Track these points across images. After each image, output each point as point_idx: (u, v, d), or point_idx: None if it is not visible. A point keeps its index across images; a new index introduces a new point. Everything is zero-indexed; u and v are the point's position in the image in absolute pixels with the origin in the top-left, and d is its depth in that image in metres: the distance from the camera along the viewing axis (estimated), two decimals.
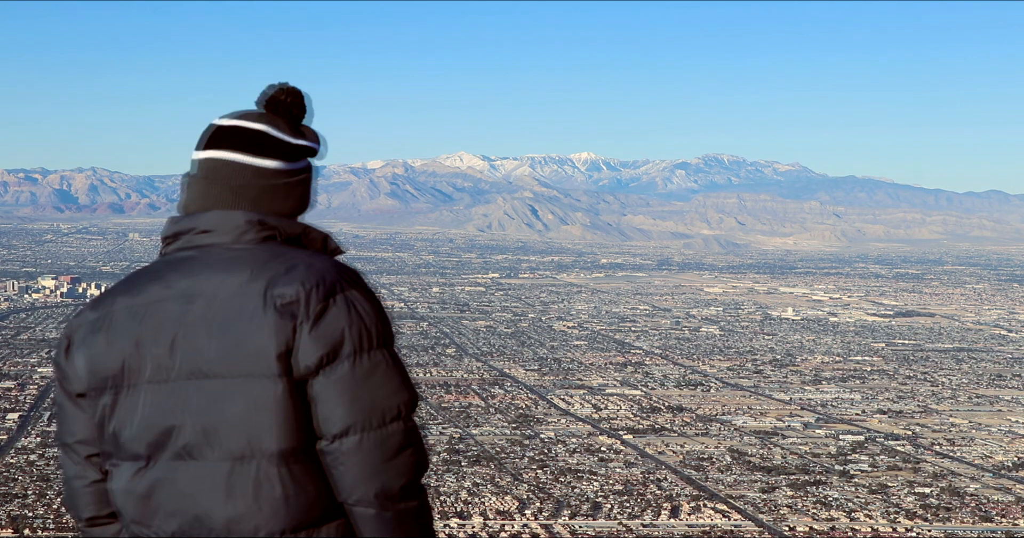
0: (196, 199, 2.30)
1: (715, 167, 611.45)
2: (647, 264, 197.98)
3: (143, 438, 2.19)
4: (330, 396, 2.13)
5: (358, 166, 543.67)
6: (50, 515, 40.06)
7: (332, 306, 2.14)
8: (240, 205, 2.27)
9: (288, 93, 2.32)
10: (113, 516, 2.32)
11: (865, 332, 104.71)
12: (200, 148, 2.32)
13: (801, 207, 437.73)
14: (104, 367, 2.21)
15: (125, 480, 2.22)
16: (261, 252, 2.21)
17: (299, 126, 2.35)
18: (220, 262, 2.20)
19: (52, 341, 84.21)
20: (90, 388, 2.24)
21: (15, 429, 53.98)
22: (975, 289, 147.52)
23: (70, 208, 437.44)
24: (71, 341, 2.26)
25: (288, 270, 2.16)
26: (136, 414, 2.19)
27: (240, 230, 2.24)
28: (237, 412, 2.13)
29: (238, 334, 2.13)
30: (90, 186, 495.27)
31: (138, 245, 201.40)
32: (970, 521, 43.97)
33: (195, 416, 2.15)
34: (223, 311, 2.15)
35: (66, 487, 2.36)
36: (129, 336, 2.20)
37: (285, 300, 2.12)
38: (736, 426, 60.99)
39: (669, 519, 43.19)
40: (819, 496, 47.08)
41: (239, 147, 2.28)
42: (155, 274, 2.26)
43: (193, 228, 2.27)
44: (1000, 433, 60.71)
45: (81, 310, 2.31)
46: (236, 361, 2.13)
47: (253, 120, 2.30)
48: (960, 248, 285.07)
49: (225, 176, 2.28)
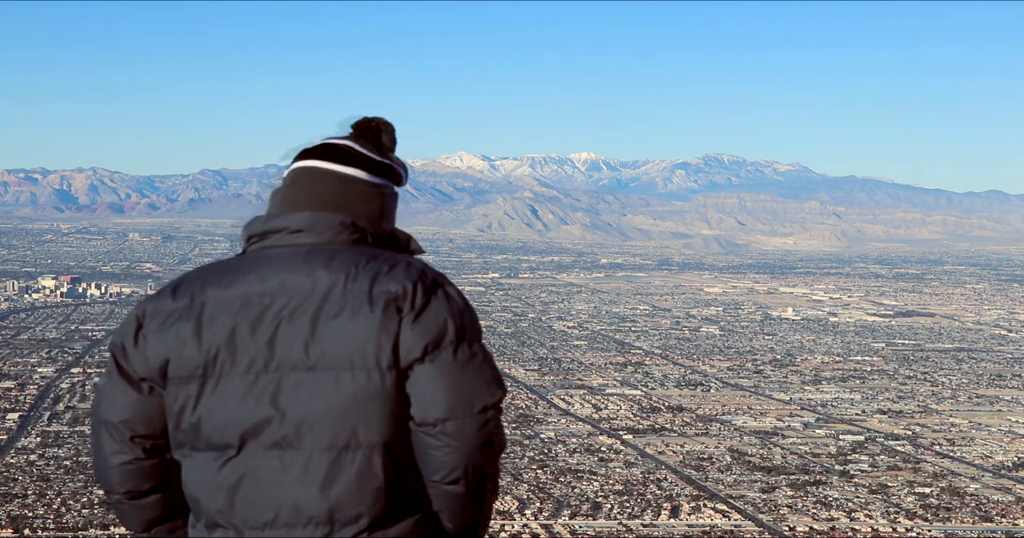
0: (285, 203, 2.41)
1: (715, 167, 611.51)
2: (647, 264, 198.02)
3: (234, 429, 2.23)
4: (434, 382, 2.24)
5: None
6: (50, 515, 40.12)
7: (434, 300, 2.26)
8: (328, 209, 2.38)
9: (376, 121, 2.48)
10: (153, 491, 2.37)
11: (865, 332, 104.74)
12: (291, 160, 2.47)
13: (801, 207, 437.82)
14: (190, 356, 2.25)
15: (208, 470, 2.26)
16: (356, 251, 2.32)
17: (383, 151, 2.48)
18: (316, 259, 2.28)
19: (52, 341, 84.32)
20: (168, 376, 2.28)
21: (15, 429, 54.04)
22: (975, 289, 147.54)
23: (70, 208, 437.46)
24: (144, 325, 2.30)
25: (390, 268, 2.27)
26: (227, 405, 2.24)
27: (334, 230, 2.34)
28: (342, 403, 2.21)
29: (343, 328, 2.21)
30: (90, 186, 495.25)
31: (138, 245, 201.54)
32: (970, 521, 43.99)
33: (296, 407, 2.21)
34: (325, 306, 2.23)
35: (100, 462, 2.37)
36: (222, 327, 2.25)
37: (391, 296, 2.23)
38: (736, 426, 61.02)
39: (669, 519, 43.22)
40: (819, 496, 47.11)
41: (327, 158, 2.42)
42: (246, 268, 2.31)
43: (286, 227, 2.35)
44: (1000, 433, 60.75)
45: (156, 296, 2.34)
46: (341, 354, 2.21)
47: (343, 138, 2.46)
48: (960, 248, 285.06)
49: (313, 181, 2.40)
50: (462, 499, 2.32)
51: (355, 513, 2.22)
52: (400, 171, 2.48)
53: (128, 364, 2.31)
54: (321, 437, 2.21)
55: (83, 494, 42.92)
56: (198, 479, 2.27)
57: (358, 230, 2.36)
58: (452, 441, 2.25)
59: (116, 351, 2.34)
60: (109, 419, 2.33)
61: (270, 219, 2.38)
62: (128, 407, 2.31)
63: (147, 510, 2.39)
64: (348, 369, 2.21)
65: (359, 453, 2.22)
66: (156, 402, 2.31)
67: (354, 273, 2.25)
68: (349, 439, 2.22)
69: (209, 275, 2.32)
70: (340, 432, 2.21)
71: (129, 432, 2.32)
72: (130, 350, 2.31)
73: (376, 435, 2.22)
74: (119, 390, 2.32)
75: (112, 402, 2.33)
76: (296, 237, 2.34)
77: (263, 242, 2.37)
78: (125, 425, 2.31)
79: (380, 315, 2.21)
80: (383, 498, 2.23)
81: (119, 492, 2.37)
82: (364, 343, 2.21)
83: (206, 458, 2.26)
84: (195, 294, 2.29)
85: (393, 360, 2.22)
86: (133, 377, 2.31)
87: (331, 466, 2.21)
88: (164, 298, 2.32)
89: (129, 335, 2.31)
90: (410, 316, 2.22)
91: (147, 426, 2.32)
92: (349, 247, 2.33)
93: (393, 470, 2.24)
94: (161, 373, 2.29)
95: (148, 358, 2.29)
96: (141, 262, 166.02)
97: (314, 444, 2.21)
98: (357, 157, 2.42)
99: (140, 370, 2.31)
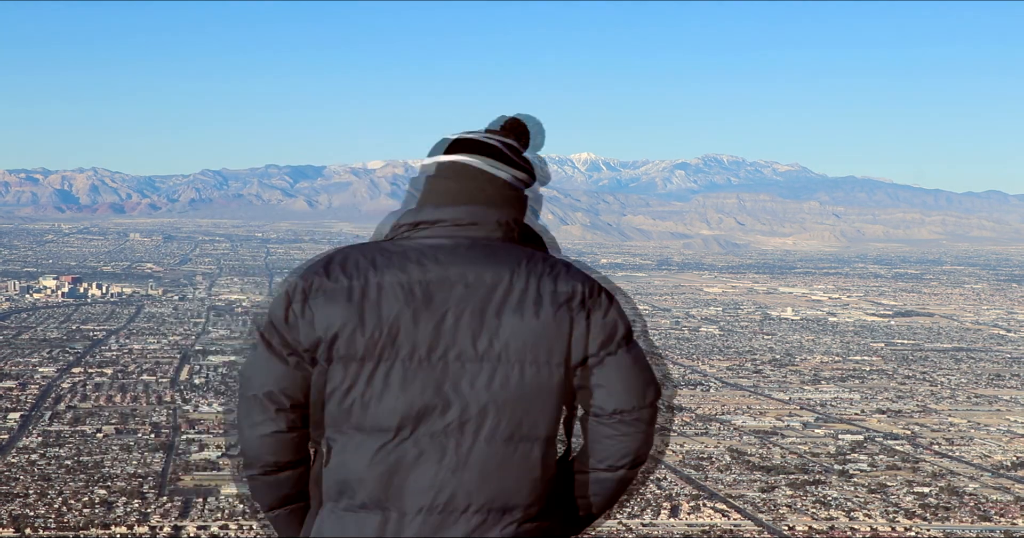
0: (443, 195, 2.42)
1: (715, 167, 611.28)
2: (647, 264, 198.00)
3: (396, 414, 2.26)
4: (613, 376, 2.36)
5: (358, 166, 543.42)
6: (51, 515, 40.19)
7: (605, 301, 2.36)
8: (485, 205, 2.43)
9: (520, 123, 2.53)
10: (291, 466, 2.39)
11: (864, 332, 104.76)
12: (439, 153, 2.48)
13: (800, 207, 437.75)
14: (354, 339, 2.26)
15: (364, 454, 2.27)
16: (516, 249, 2.38)
17: (521, 154, 2.52)
18: (481, 253, 2.34)
19: (53, 341, 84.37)
20: (325, 356, 2.29)
21: (16, 429, 54.08)
22: (974, 289, 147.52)
23: (71, 208, 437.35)
24: (297, 301, 2.31)
25: (553, 268, 2.35)
26: (391, 390, 2.27)
27: (492, 227, 2.39)
28: (510, 396, 2.27)
29: (514, 323, 2.28)
30: (91, 186, 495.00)
31: (139, 245, 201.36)
32: (969, 520, 44.08)
33: (463, 397, 2.26)
34: (492, 299, 2.29)
35: (244, 436, 2.37)
36: (388, 312, 2.26)
37: (564, 295, 2.31)
38: (735, 426, 61.09)
39: (669, 518, 43.29)
40: (818, 495, 47.19)
41: (480, 154, 2.45)
42: (409, 255, 2.34)
43: (447, 220, 2.38)
44: (999, 433, 60.81)
45: (309, 273, 2.33)
46: (512, 348, 2.28)
47: (493, 136, 2.50)
48: (959, 248, 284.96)
49: (471, 178, 2.43)
50: (619, 485, 2.47)
51: (512, 504, 2.29)
52: (534, 173, 2.53)
53: (277, 338, 2.32)
54: (486, 427, 2.27)
55: (84, 494, 43.02)
56: (352, 462, 2.29)
57: (512, 228, 2.42)
58: (629, 429, 2.39)
59: (265, 326, 2.35)
60: (255, 393, 2.34)
61: (431, 210, 2.41)
62: (273, 380, 2.33)
63: (282, 486, 2.40)
64: (518, 363, 2.28)
65: (522, 445, 2.29)
66: (301, 376, 2.32)
67: (519, 270, 2.32)
68: (513, 431, 2.28)
69: (368, 257, 2.33)
70: (506, 423, 2.28)
71: (274, 405, 2.33)
72: (280, 325, 2.32)
73: (541, 428, 2.30)
74: (266, 363, 2.34)
75: (257, 374, 2.35)
76: (457, 230, 2.38)
77: (416, 231, 2.40)
78: (269, 397, 2.33)
79: (553, 313, 2.29)
80: (539, 490, 2.31)
81: (258, 465, 2.38)
82: (536, 339, 2.28)
83: (363, 441, 2.28)
84: (355, 275, 2.30)
85: (565, 357, 2.31)
86: (280, 351, 2.32)
87: (495, 456, 2.27)
88: (319, 276, 2.32)
89: (281, 310, 2.32)
90: (582, 315, 2.31)
91: (291, 399, 2.33)
92: (506, 244, 2.39)
93: (549, 463, 2.33)
94: (313, 350, 2.29)
95: (302, 334, 2.30)
96: (142, 262, 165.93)
97: (478, 434, 2.27)
98: (505, 159, 2.46)
99: (290, 345, 2.31)
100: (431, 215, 2.39)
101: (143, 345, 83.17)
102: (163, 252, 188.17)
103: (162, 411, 59.60)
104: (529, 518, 2.31)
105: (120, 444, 51.58)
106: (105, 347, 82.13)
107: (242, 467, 2.42)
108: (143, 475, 46.31)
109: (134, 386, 66.33)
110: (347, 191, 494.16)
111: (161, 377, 69.48)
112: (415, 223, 2.40)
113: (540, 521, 2.34)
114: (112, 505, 41.88)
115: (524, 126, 2.53)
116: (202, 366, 73.89)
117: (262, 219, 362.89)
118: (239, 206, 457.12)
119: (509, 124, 2.53)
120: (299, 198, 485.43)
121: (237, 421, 2.40)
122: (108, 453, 49.86)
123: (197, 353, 79.41)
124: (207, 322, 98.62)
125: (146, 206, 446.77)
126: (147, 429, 55.06)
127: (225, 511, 41.72)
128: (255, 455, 2.37)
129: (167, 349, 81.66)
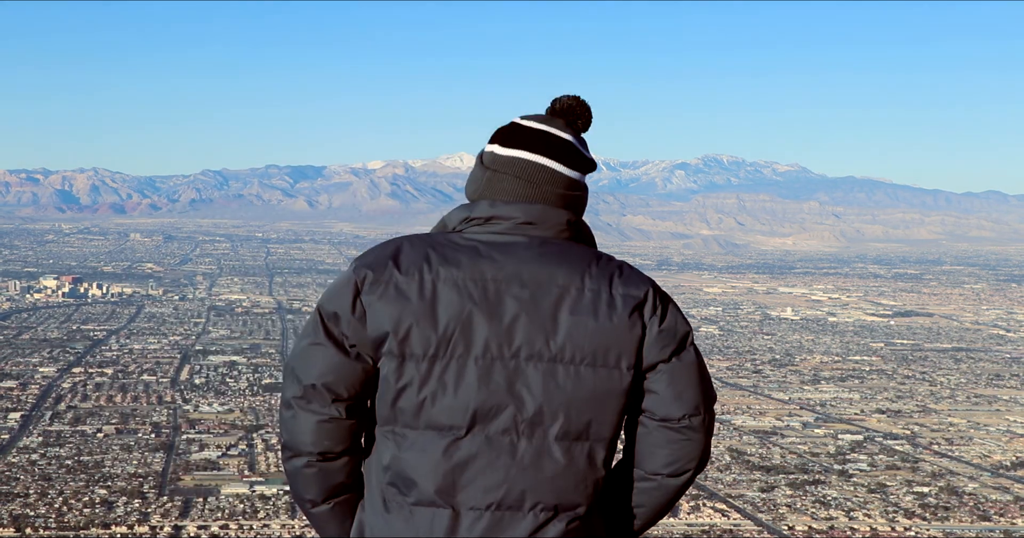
0: (506, 192, 2.39)
1: (714, 167, 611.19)
2: (647, 264, 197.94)
3: (466, 411, 2.25)
4: (680, 381, 2.34)
5: (359, 166, 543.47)
6: (52, 514, 40.22)
7: (670, 306, 2.35)
8: (553, 204, 2.40)
9: (583, 107, 2.46)
10: (345, 454, 2.35)
11: (864, 332, 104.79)
12: (508, 145, 2.43)
13: (800, 207, 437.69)
14: (424, 335, 2.24)
15: (430, 450, 2.26)
16: (583, 250, 2.37)
17: (586, 146, 2.49)
18: (551, 252, 2.33)
19: (54, 341, 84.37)
20: (392, 350, 2.26)
21: (17, 429, 54.13)
22: (973, 289, 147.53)
23: (72, 208, 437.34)
24: (377, 293, 2.27)
25: (621, 271, 2.34)
26: (459, 387, 2.25)
27: (560, 227, 2.37)
28: (581, 397, 2.27)
29: (586, 325, 2.27)
30: (91, 186, 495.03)
31: (139, 245, 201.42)
32: (968, 520, 44.12)
33: (534, 397, 2.25)
34: (564, 300, 2.28)
35: (295, 423, 2.34)
36: (458, 308, 2.25)
37: (636, 300, 2.30)
38: (735, 425, 61.12)
39: (669, 518, 43.29)
40: (818, 495, 47.23)
41: (549, 153, 2.41)
42: (478, 250, 2.31)
43: (516, 217, 2.35)
44: (998, 432, 60.85)
45: (375, 263, 2.30)
46: (585, 350, 2.27)
47: (560, 129, 2.44)
48: (959, 248, 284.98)
49: (537, 177, 2.39)
50: (678, 491, 2.43)
51: (576, 502, 2.29)
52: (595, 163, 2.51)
53: (339, 328, 2.29)
54: (556, 427, 2.26)
55: (84, 493, 43.05)
56: (416, 457, 2.27)
57: (578, 227, 2.41)
58: (695, 435, 2.36)
59: (327, 314, 2.31)
60: (312, 382, 2.30)
61: (500, 205, 2.37)
62: (332, 369, 2.30)
63: (335, 474, 2.37)
64: (591, 365, 2.27)
65: (587, 446, 2.29)
66: (360, 368, 2.30)
67: (590, 272, 2.30)
68: (581, 432, 2.28)
69: (439, 251, 2.30)
70: (575, 424, 2.27)
71: (331, 395, 2.30)
72: (344, 315, 2.28)
73: (607, 430, 2.30)
74: (326, 352, 2.30)
75: (316, 363, 2.31)
76: (527, 228, 2.35)
77: (487, 227, 2.37)
78: (327, 387, 2.30)
79: (626, 317, 2.28)
80: (600, 489, 2.33)
81: (313, 452, 2.34)
82: (609, 342, 2.27)
83: (429, 437, 2.27)
84: (423, 268, 2.27)
85: (635, 361, 2.30)
86: (342, 341, 2.30)
87: (563, 456, 2.27)
88: (387, 267, 2.28)
89: (347, 300, 2.29)
90: (655, 320, 2.31)
91: (348, 389, 2.30)
92: (573, 244, 2.37)
93: (608, 465, 2.34)
94: (378, 343, 2.27)
95: (368, 326, 2.27)
96: (142, 262, 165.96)
97: (548, 433, 2.26)
98: (575, 155, 2.43)
99: (352, 336, 2.29)
100: (503, 211, 2.36)
101: (143, 345, 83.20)
102: (163, 252, 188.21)
103: (162, 411, 59.64)
104: (578, 517, 2.30)
105: (120, 444, 51.62)
106: (105, 347, 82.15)
107: (294, 456, 2.38)
108: (143, 475, 46.35)
109: (134, 386, 66.36)
110: (347, 191, 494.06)
111: (161, 377, 69.53)
112: (488, 217, 2.37)
113: (588, 521, 2.33)
114: (112, 505, 41.92)
115: (587, 108, 2.47)
116: (202, 366, 73.94)
117: (262, 219, 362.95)
118: (239, 206, 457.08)
119: (573, 107, 2.46)
120: (299, 198, 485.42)
121: (291, 409, 2.35)
122: (108, 453, 49.90)
123: (197, 353, 79.46)
124: (207, 322, 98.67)
125: (147, 206, 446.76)
126: (147, 429, 55.10)
127: (225, 511, 41.77)
128: (313, 440, 2.33)
129: (167, 349, 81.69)
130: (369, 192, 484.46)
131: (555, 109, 2.46)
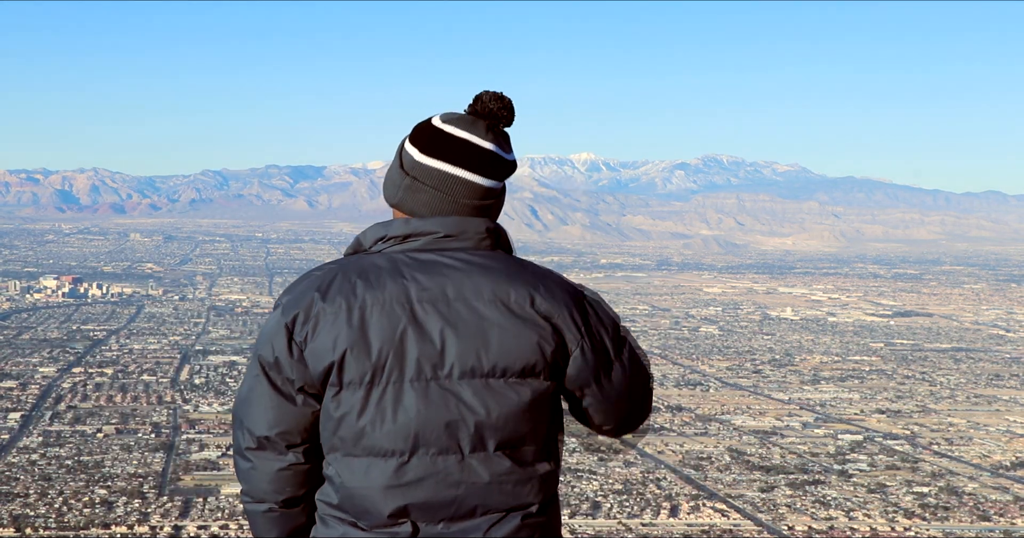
0: (423, 205, 2.36)
1: (714, 167, 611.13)
2: (646, 264, 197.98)
3: (406, 436, 2.23)
4: (609, 392, 2.48)
5: (358, 166, 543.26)
6: (51, 515, 40.20)
7: (590, 311, 2.34)
8: (470, 214, 2.37)
9: (506, 106, 2.38)
10: (304, 497, 2.35)
11: (864, 332, 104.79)
12: (425, 152, 2.37)
13: (800, 207, 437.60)
14: (358, 363, 2.21)
15: (376, 475, 2.24)
16: (502, 260, 2.33)
17: (510, 145, 2.43)
18: (470, 267, 2.29)
19: (54, 341, 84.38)
20: (330, 382, 2.24)
21: (17, 429, 54.12)
22: (973, 289, 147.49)
23: (71, 208, 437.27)
24: (309, 330, 2.23)
25: (555, 278, 2.35)
26: (397, 411, 2.22)
27: (480, 236, 2.33)
28: (519, 409, 2.28)
29: (513, 338, 2.25)
30: (91, 187, 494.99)
31: (139, 245, 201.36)
32: (968, 520, 44.12)
33: (473, 414, 2.24)
34: (491, 315, 2.25)
35: (257, 475, 2.33)
36: (388, 333, 2.21)
37: (564, 307, 2.29)
38: (735, 425, 61.12)
39: (668, 518, 43.33)
40: (818, 495, 47.22)
41: (470, 167, 2.35)
42: (400, 270, 2.27)
43: (435, 232, 2.32)
44: (998, 433, 60.84)
45: (299, 298, 2.26)
46: (516, 363, 2.26)
47: (482, 136, 2.36)
48: (958, 248, 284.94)
49: (456, 190, 2.34)
50: None
51: (528, 502, 2.32)
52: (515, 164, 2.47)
53: (282, 374, 2.26)
54: (497, 440, 2.27)
55: (84, 493, 43.04)
56: (363, 483, 2.25)
57: (497, 234, 2.37)
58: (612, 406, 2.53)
59: (267, 363, 2.27)
60: (265, 434, 2.28)
61: (416, 222, 2.34)
62: (281, 419, 2.27)
63: (297, 516, 2.36)
64: (522, 376, 2.28)
65: (531, 449, 2.32)
66: (309, 411, 2.28)
67: (512, 284, 2.27)
68: (524, 438, 2.31)
69: (359, 276, 2.26)
70: (516, 434, 2.29)
71: (285, 442, 2.29)
72: (284, 359, 2.25)
73: (551, 431, 2.39)
74: (272, 402, 2.28)
75: (264, 413, 2.28)
76: (447, 242, 2.32)
77: (405, 245, 2.34)
78: (280, 436, 2.28)
79: (549, 325, 2.27)
80: (546, 494, 2.36)
81: (275, 501, 2.34)
82: (537, 352, 2.27)
83: (373, 463, 2.25)
84: (349, 296, 2.22)
85: (557, 371, 2.34)
86: (286, 389, 2.27)
87: (509, 464, 2.29)
88: (312, 301, 2.24)
89: (282, 344, 2.24)
90: (574, 325, 2.30)
91: (301, 434, 2.29)
92: (495, 254, 2.33)
93: (559, 457, 2.42)
94: (322, 381, 2.24)
95: (308, 367, 2.24)
96: (142, 262, 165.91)
97: (490, 447, 2.27)
98: (498, 162, 2.37)
99: (298, 378, 2.25)
100: (421, 227, 2.32)
101: (143, 345, 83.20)
102: (163, 252, 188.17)
103: (162, 411, 59.63)
104: (531, 515, 2.34)
105: (120, 444, 51.61)
106: (105, 347, 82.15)
107: (255, 502, 2.37)
108: (143, 475, 46.34)
109: (134, 386, 66.36)
110: (347, 191, 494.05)
111: (161, 377, 69.52)
112: (405, 235, 2.33)
113: (543, 514, 2.36)
114: (112, 505, 41.91)
115: (511, 108, 2.39)
116: (202, 366, 73.91)
117: (262, 219, 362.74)
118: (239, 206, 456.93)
119: (494, 111, 2.37)
120: (299, 198, 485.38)
121: (248, 461, 2.33)
122: (108, 453, 49.90)
123: (197, 353, 79.44)
124: (207, 322, 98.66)
125: (146, 206, 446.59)
126: (147, 429, 55.09)
127: (225, 511, 41.76)
128: (273, 489, 2.33)
129: (167, 349, 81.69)
130: (369, 192, 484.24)
131: (477, 111, 2.38)
